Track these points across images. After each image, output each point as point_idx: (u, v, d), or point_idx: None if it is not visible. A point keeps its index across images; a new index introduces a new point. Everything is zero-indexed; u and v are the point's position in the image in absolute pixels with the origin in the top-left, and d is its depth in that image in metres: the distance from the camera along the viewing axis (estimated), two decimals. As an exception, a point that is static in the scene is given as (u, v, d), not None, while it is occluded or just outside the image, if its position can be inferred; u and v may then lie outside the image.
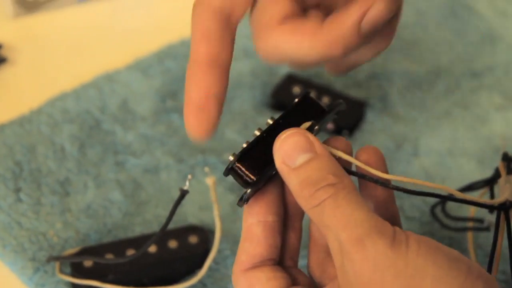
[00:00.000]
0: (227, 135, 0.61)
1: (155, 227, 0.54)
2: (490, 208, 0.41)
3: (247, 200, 0.39)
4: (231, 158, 0.39)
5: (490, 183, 0.47)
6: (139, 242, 0.51)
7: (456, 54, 0.71)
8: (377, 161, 0.40)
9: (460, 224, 0.55)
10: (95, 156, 0.59)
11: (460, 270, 0.35)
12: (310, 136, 0.38)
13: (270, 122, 0.40)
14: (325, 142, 0.40)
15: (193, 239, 0.52)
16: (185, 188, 0.46)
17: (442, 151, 0.62)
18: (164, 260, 0.51)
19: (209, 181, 0.50)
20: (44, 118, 0.61)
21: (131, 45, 0.69)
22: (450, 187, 0.53)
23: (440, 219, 0.54)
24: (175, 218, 0.46)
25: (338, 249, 0.36)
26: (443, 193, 0.41)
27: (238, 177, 0.39)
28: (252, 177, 0.39)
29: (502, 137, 0.63)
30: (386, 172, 0.40)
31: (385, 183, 0.39)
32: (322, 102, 0.63)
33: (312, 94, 0.43)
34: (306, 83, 0.65)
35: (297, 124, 0.39)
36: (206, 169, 0.50)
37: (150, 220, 0.55)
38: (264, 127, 0.40)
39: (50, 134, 0.60)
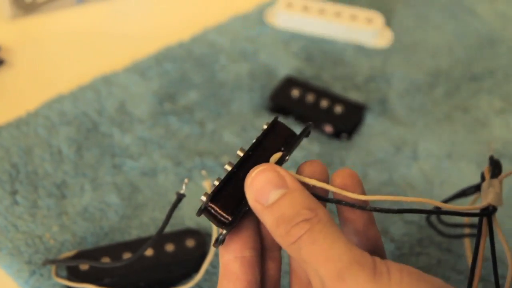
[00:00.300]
0: (225, 138, 0.61)
1: (152, 231, 0.54)
2: (473, 215, 0.40)
3: (222, 241, 0.39)
4: (204, 198, 0.38)
5: (478, 188, 0.46)
6: (136, 245, 0.51)
7: (456, 57, 0.71)
8: (353, 184, 0.39)
9: (458, 231, 0.54)
10: (92, 158, 0.58)
11: None
12: (281, 170, 0.37)
13: (241, 154, 0.39)
14: (299, 169, 0.40)
15: (190, 243, 0.51)
16: (182, 191, 0.45)
17: (441, 155, 0.61)
18: (161, 263, 0.50)
19: (206, 184, 0.50)
20: (41, 121, 0.61)
21: (129, 47, 0.69)
22: (450, 190, 0.53)
23: (436, 227, 0.54)
24: (172, 221, 0.46)
25: (319, 285, 0.35)
26: (427, 206, 0.40)
27: (212, 217, 0.38)
28: (226, 216, 0.38)
29: (490, 142, 0.62)
30: (364, 193, 0.40)
31: (362, 206, 0.39)
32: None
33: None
34: (305, 86, 0.64)
35: (268, 154, 0.39)
36: (204, 172, 0.50)
37: (147, 223, 0.54)
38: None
39: (47, 137, 0.60)
